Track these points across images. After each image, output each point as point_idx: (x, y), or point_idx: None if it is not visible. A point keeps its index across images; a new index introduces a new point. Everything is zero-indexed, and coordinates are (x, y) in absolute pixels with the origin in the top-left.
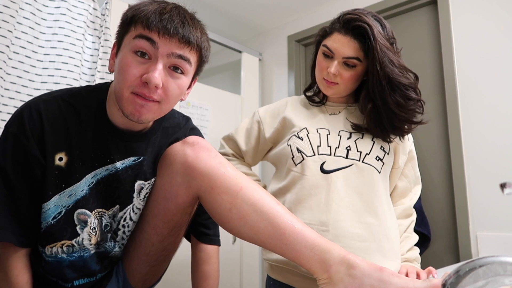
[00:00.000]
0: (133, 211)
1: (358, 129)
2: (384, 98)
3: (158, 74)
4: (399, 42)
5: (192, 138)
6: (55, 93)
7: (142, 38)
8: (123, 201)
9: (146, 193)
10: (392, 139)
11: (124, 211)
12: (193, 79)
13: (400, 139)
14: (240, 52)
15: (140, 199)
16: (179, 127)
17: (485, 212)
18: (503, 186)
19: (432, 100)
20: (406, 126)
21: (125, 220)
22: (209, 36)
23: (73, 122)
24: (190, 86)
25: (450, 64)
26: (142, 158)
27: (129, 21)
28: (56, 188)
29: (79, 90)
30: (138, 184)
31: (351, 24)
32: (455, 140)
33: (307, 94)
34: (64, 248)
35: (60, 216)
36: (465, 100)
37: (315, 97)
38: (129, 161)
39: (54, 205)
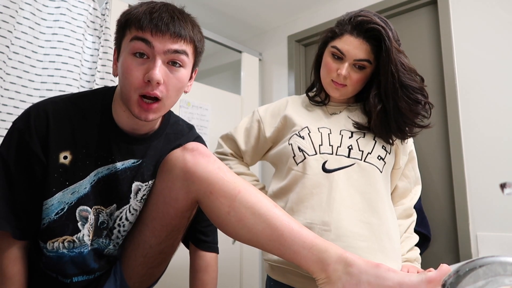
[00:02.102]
0: (130, 212)
1: (361, 128)
2: (396, 101)
3: (158, 70)
4: None
5: (191, 144)
6: (63, 96)
7: (137, 40)
8: (120, 201)
9: (144, 195)
10: (393, 141)
11: (121, 210)
12: (193, 70)
13: (401, 141)
14: (240, 52)
15: (137, 200)
16: (182, 134)
17: (485, 212)
18: (503, 186)
19: (432, 100)
20: (411, 129)
21: (121, 219)
22: (209, 36)
23: (79, 123)
24: (191, 78)
25: (450, 64)
26: (141, 160)
27: (123, 26)
28: (60, 185)
29: (86, 93)
30: (135, 185)
31: (363, 26)
32: (455, 140)
33: (309, 94)
34: (65, 244)
35: (62, 212)
36: (465, 100)
37: (317, 97)
38: (128, 162)
39: (57, 202)
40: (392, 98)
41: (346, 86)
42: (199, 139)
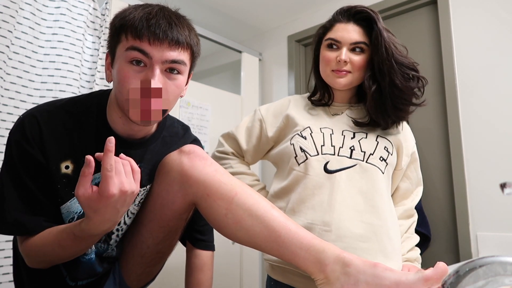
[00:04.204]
0: (127, 216)
1: (359, 124)
2: (392, 77)
3: (157, 79)
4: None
5: (188, 147)
6: (58, 103)
7: (134, 50)
8: None
9: (141, 199)
10: (389, 124)
11: None
12: (189, 74)
13: (396, 125)
14: (240, 52)
15: (135, 204)
16: (178, 137)
17: (485, 212)
18: (503, 186)
19: (432, 100)
20: (406, 107)
21: (119, 224)
22: (209, 36)
23: (76, 131)
24: (187, 82)
25: (450, 64)
26: (139, 165)
27: (118, 31)
28: (66, 195)
29: (81, 98)
30: None
31: (351, 11)
32: (455, 140)
33: (312, 99)
34: None
35: (73, 221)
36: (465, 100)
37: (321, 101)
38: None
39: (67, 211)
40: (388, 74)
41: (350, 73)
42: (196, 142)
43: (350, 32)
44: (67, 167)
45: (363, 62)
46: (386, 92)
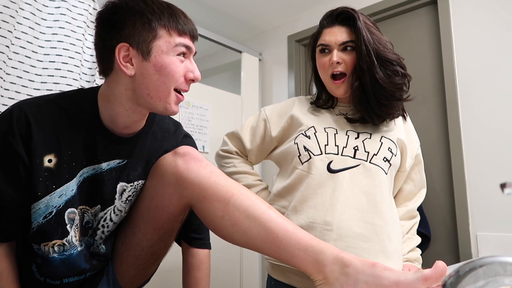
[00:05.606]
0: (114, 213)
1: (351, 121)
2: (372, 73)
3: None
4: (399, 43)
5: (183, 149)
6: (47, 97)
7: (183, 46)
8: (105, 202)
9: (129, 196)
10: (375, 121)
11: (105, 211)
12: None
13: (387, 121)
14: (240, 52)
15: (122, 201)
16: (169, 133)
17: (485, 212)
18: (503, 186)
19: (432, 100)
20: (391, 103)
21: (105, 220)
22: (209, 36)
23: (64, 125)
24: None
25: (450, 64)
26: (126, 160)
27: (154, 26)
28: (46, 189)
29: (70, 93)
30: (120, 185)
31: (334, 14)
32: (455, 140)
33: (316, 104)
34: (56, 248)
35: (51, 216)
36: (465, 100)
37: (325, 105)
38: (114, 163)
39: (45, 206)
40: (368, 70)
41: (346, 75)
42: (187, 138)
43: (337, 34)
44: (50, 161)
45: (356, 59)
46: (369, 89)
